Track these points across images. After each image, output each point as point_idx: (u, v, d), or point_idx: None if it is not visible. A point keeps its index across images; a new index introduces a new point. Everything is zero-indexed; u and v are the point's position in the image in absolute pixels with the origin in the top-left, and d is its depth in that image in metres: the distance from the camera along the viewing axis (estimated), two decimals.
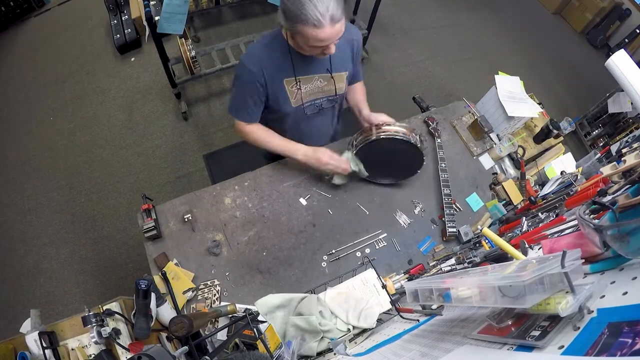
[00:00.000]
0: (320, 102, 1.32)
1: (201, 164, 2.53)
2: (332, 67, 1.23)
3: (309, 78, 1.23)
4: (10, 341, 0.88)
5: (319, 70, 1.23)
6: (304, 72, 1.21)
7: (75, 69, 2.93)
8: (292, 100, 1.25)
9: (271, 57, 1.16)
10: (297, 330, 1.01)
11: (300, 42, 1.06)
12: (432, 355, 0.62)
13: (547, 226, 0.90)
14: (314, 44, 1.03)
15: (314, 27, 0.97)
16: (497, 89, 1.56)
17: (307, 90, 1.25)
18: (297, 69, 1.18)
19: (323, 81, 1.26)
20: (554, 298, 0.48)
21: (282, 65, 1.17)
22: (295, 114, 1.30)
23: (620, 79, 0.97)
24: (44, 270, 2.16)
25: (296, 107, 1.27)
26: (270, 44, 1.17)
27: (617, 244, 0.51)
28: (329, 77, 1.25)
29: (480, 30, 3.70)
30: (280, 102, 1.24)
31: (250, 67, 1.16)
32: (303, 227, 1.34)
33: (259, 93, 1.21)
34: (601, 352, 0.38)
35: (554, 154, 1.61)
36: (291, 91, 1.23)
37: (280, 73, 1.18)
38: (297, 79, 1.20)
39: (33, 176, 2.46)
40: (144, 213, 1.24)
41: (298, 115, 1.31)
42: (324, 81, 1.26)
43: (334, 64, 1.23)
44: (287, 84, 1.21)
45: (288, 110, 1.27)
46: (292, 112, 1.28)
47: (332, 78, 1.25)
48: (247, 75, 1.17)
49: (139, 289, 0.87)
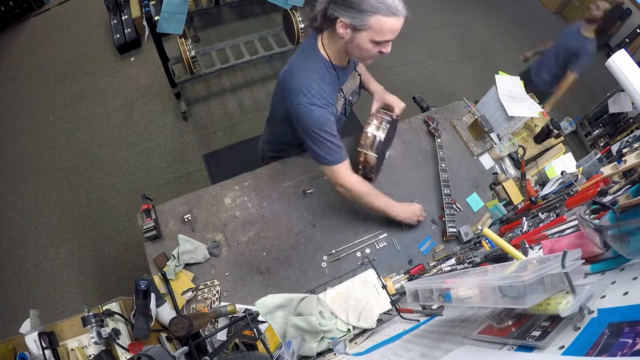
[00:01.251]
0: (351, 99, 1.31)
1: (201, 164, 2.53)
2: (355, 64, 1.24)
3: (346, 84, 1.24)
4: (10, 341, 0.88)
5: (350, 73, 1.24)
6: (344, 82, 1.21)
7: (75, 69, 2.93)
8: (339, 109, 1.24)
9: (328, 85, 1.10)
10: (297, 331, 1.01)
11: (365, 39, 0.98)
12: (432, 356, 0.62)
13: (548, 226, 0.90)
14: (384, 38, 0.98)
15: (392, 15, 0.95)
16: (497, 89, 1.56)
17: (345, 93, 1.26)
18: (341, 81, 1.17)
19: (352, 79, 1.27)
20: (555, 298, 0.48)
21: (335, 86, 1.14)
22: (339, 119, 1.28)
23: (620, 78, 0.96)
24: (43, 270, 2.16)
25: (341, 111, 1.28)
26: (320, 72, 1.09)
27: (618, 244, 0.51)
28: (355, 74, 1.26)
29: (481, 29, 3.70)
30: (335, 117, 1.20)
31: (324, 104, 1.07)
32: (303, 227, 1.34)
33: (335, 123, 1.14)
34: (602, 352, 0.38)
35: (555, 154, 1.61)
36: (339, 100, 1.23)
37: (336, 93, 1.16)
38: (341, 90, 1.20)
39: (32, 176, 2.46)
40: (144, 213, 1.24)
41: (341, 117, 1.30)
42: (351, 79, 1.27)
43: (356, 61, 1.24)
44: (338, 98, 1.21)
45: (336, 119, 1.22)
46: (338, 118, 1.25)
47: (358, 75, 1.27)
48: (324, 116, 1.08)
49: (139, 289, 0.87)
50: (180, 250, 1.18)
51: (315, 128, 1.08)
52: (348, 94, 1.28)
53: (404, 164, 1.52)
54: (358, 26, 0.97)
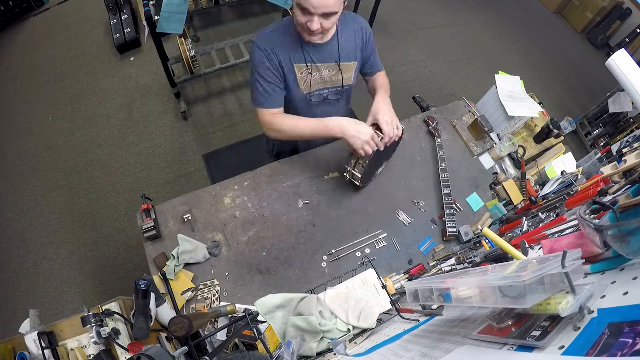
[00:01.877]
0: (327, 94, 1.32)
1: (201, 164, 2.52)
2: (340, 57, 1.23)
3: (319, 67, 1.23)
4: (10, 341, 0.88)
5: (328, 60, 1.23)
6: (314, 60, 1.21)
7: (75, 69, 2.93)
8: (301, 87, 1.25)
9: (283, 40, 1.17)
10: (297, 331, 1.01)
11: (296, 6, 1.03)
12: (433, 356, 0.62)
13: (548, 226, 0.90)
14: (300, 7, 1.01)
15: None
16: (497, 89, 1.56)
17: (316, 79, 1.26)
18: (307, 55, 1.19)
19: (332, 71, 1.26)
20: (555, 298, 0.48)
21: (294, 49, 1.18)
22: (301, 102, 1.30)
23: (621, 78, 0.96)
24: (43, 270, 2.16)
25: (304, 94, 1.28)
26: (282, 29, 1.18)
27: (618, 244, 0.51)
28: (337, 67, 1.25)
29: (481, 29, 3.70)
30: (290, 86, 1.24)
31: (265, 48, 1.15)
32: (303, 227, 1.34)
33: (278, 75, 1.20)
34: (602, 352, 0.38)
35: (555, 153, 1.61)
36: (301, 77, 1.23)
37: (292, 57, 1.19)
38: (308, 66, 1.21)
39: (32, 176, 2.46)
40: (144, 213, 1.24)
41: (304, 103, 1.31)
42: (332, 71, 1.26)
43: (342, 54, 1.24)
44: (298, 70, 1.21)
45: (296, 96, 1.28)
46: (300, 100, 1.29)
47: (339, 69, 1.26)
48: (264, 58, 1.16)
49: (139, 289, 0.87)
50: (180, 250, 1.18)
51: (252, 65, 1.19)
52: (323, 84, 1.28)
53: (404, 164, 1.52)
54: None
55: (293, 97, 1.28)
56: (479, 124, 1.55)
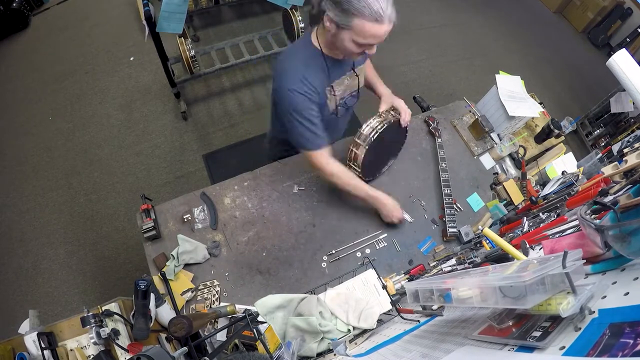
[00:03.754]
0: (346, 100, 1.31)
1: (200, 164, 2.52)
2: (354, 64, 1.23)
3: (340, 81, 1.22)
4: (9, 342, 0.88)
5: (346, 70, 1.22)
6: (337, 76, 1.20)
7: (74, 69, 2.93)
8: (330, 105, 1.24)
9: (315, 73, 1.11)
10: (297, 331, 1.01)
11: (347, 38, 1.00)
12: (433, 356, 0.62)
13: (548, 226, 0.90)
14: (365, 41, 0.98)
15: (374, 21, 0.94)
16: (497, 89, 1.56)
17: (339, 92, 1.25)
18: (332, 75, 1.16)
19: (350, 79, 1.26)
20: (555, 298, 0.48)
21: (322, 76, 1.14)
22: (328, 118, 1.28)
23: (621, 78, 0.96)
24: (42, 270, 2.16)
25: (332, 110, 1.27)
26: (308, 59, 1.11)
27: (619, 245, 0.50)
28: (354, 74, 1.25)
29: (481, 29, 3.69)
30: (323, 111, 1.21)
31: (306, 90, 1.09)
32: (303, 227, 1.34)
33: (318, 114, 1.15)
34: (602, 353, 0.38)
35: (555, 153, 1.61)
36: (330, 97, 1.22)
37: (323, 84, 1.16)
38: (332, 85, 1.19)
39: (32, 176, 2.45)
40: (143, 213, 1.24)
41: (331, 117, 1.30)
42: (350, 79, 1.26)
43: (357, 60, 1.23)
44: (328, 92, 1.20)
45: (326, 116, 1.24)
46: (327, 117, 1.26)
47: (356, 75, 1.25)
48: (307, 101, 1.10)
49: (138, 289, 0.86)
50: (180, 251, 1.18)
51: (292, 112, 1.11)
52: (344, 93, 1.27)
53: (404, 163, 1.52)
54: (341, 24, 0.98)
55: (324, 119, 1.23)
56: (480, 123, 1.55)
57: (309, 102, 1.11)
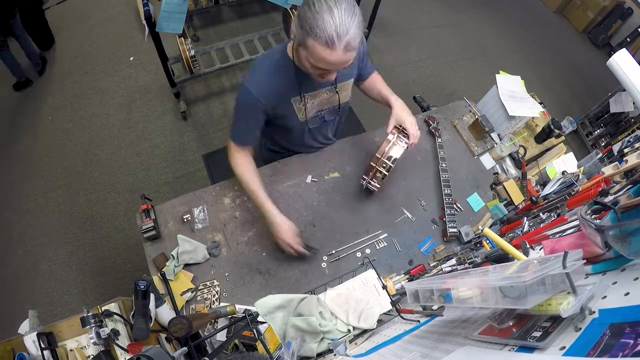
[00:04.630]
0: (324, 114, 1.31)
1: (200, 163, 2.52)
2: (337, 79, 1.17)
3: (315, 94, 1.21)
4: (9, 342, 0.88)
5: (324, 85, 1.19)
6: (310, 89, 1.18)
7: (74, 69, 2.93)
8: (299, 116, 1.24)
9: (277, 82, 1.11)
10: (297, 331, 1.00)
11: (303, 56, 0.97)
12: (433, 356, 0.62)
13: (549, 226, 0.90)
14: (317, 64, 0.94)
15: (325, 45, 0.87)
16: (498, 89, 1.56)
17: (313, 105, 1.24)
18: (304, 87, 1.14)
19: (329, 93, 1.24)
20: (555, 299, 0.48)
21: (289, 86, 1.13)
22: (299, 128, 1.29)
23: (622, 78, 0.96)
24: (42, 270, 2.16)
25: (302, 121, 1.27)
26: (276, 66, 1.11)
27: (619, 245, 0.50)
28: (334, 89, 1.22)
29: (481, 29, 3.69)
30: (287, 119, 1.22)
31: (257, 95, 1.10)
32: (303, 227, 1.34)
33: (258, 119, 1.18)
34: (603, 353, 0.38)
35: (556, 153, 1.61)
36: (299, 108, 1.21)
37: (288, 93, 1.15)
38: (303, 97, 1.17)
39: (31, 176, 2.45)
40: (143, 213, 1.24)
41: (302, 129, 1.30)
42: (329, 93, 1.24)
43: (339, 76, 1.17)
44: (295, 102, 1.19)
45: (294, 126, 1.26)
46: (297, 127, 1.27)
47: (336, 91, 1.23)
48: (249, 102, 1.12)
49: (138, 289, 0.86)
50: (180, 251, 1.18)
51: (237, 102, 1.16)
52: (321, 107, 1.26)
53: (404, 163, 1.51)
54: (298, 39, 0.94)
55: (291, 127, 1.26)
56: (480, 123, 1.54)
57: (253, 105, 1.13)
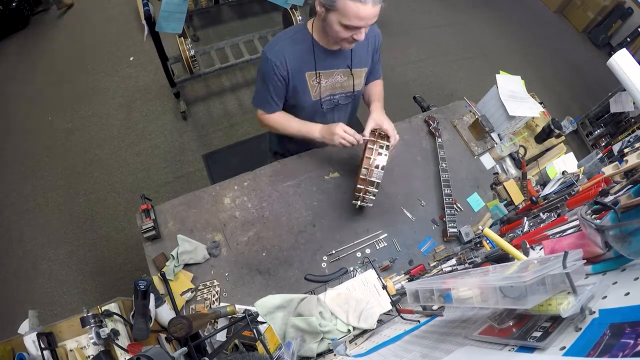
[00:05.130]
0: (337, 98, 1.33)
1: (200, 164, 2.52)
2: (352, 63, 1.23)
3: (330, 73, 1.23)
4: (8, 342, 0.88)
5: (340, 66, 1.23)
6: (326, 67, 1.21)
7: (74, 68, 2.93)
8: (312, 94, 1.26)
9: (294, 49, 1.16)
10: (297, 331, 1.00)
11: (335, 20, 1.02)
12: (433, 357, 0.62)
13: (549, 226, 0.90)
14: (350, 23, 1.00)
15: (357, 1, 0.96)
16: (498, 89, 1.56)
17: (327, 85, 1.26)
18: (319, 63, 1.19)
19: (343, 76, 1.26)
20: (556, 299, 0.48)
21: (305, 59, 1.18)
22: (312, 108, 1.31)
23: (622, 78, 0.96)
24: (42, 270, 2.16)
25: (315, 100, 1.28)
26: (294, 37, 1.18)
27: (619, 245, 0.50)
28: (349, 72, 1.25)
29: (482, 29, 3.69)
30: (300, 94, 1.25)
31: (273, 60, 1.15)
32: (303, 227, 1.34)
33: (281, 86, 1.22)
34: (603, 353, 0.38)
35: (556, 153, 1.61)
36: (312, 85, 1.23)
37: (303, 66, 1.19)
38: (318, 73, 1.21)
39: (31, 176, 2.45)
40: (143, 213, 1.24)
41: (315, 109, 1.32)
42: (344, 76, 1.26)
43: (354, 60, 1.23)
44: (309, 77, 1.22)
45: (306, 103, 1.28)
46: (309, 106, 1.30)
47: (351, 74, 1.26)
48: (270, 68, 1.17)
49: (138, 289, 0.86)
50: (180, 251, 1.18)
51: (259, 71, 1.22)
52: (335, 90, 1.28)
53: (404, 164, 1.51)
54: (327, 5, 1.01)
55: (304, 104, 1.28)
56: (480, 123, 1.54)
57: (272, 71, 1.17)
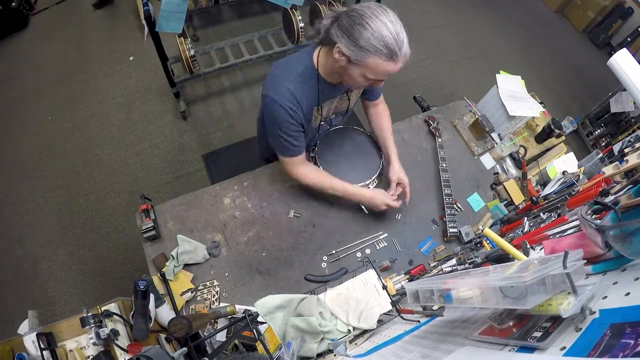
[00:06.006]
0: (332, 119, 1.34)
1: (200, 163, 2.52)
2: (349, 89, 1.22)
3: (330, 102, 1.23)
4: (8, 342, 0.88)
5: (340, 93, 1.22)
6: (327, 98, 1.19)
7: (73, 68, 2.92)
8: (314, 123, 1.25)
9: (305, 89, 1.10)
10: (297, 331, 1.00)
11: (358, 73, 0.99)
12: (433, 357, 0.62)
13: (549, 226, 0.90)
14: (377, 78, 0.99)
15: (389, 60, 0.94)
16: (498, 88, 1.56)
17: (326, 111, 1.25)
18: (322, 96, 1.15)
19: (340, 100, 1.26)
20: (556, 299, 0.48)
21: (312, 97, 1.13)
22: (310, 134, 1.30)
23: (622, 78, 0.96)
24: (42, 271, 2.15)
25: (315, 127, 1.28)
26: (303, 76, 1.09)
27: (620, 245, 0.50)
28: (346, 96, 1.25)
29: (482, 29, 3.69)
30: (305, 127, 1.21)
31: (288, 105, 1.08)
32: (303, 227, 1.34)
33: (298, 127, 1.16)
34: (603, 353, 0.38)
35: (556, 153, 1.60)
36: (315, 116, 1.22)
37: (312, 104, 1.15)
38: (321, 106, 1.18)
39: (31, 176, 2.45)
40: (143, 213, 1.24)
41: (313, 133, 1.32)
42: (340, 100, 1.26)
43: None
44: (315, 111, 1.20)
45: (308, 131, 1.25)
46: (310, 132, 1.28)
47: (348, 98, 1.25)
48: (288, 117, 1.10)
49: (138, 289, 0.86)
50: (180, 251, 1.18)
51: (273, 122, 1.13)
52: (329, 113, 1.28)
53: (404, 164, 1.50)
54: (353, 59, 0.95)
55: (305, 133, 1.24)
56: (480, 123, 1.54)
57: (289, 117, 1.10)
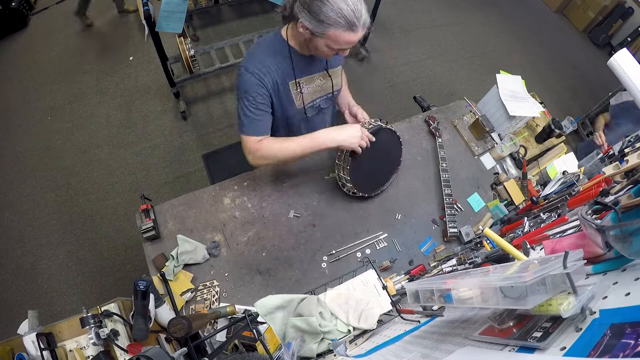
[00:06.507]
0: (319, 103, 1.31)
1: (200, 163, 2.52)
2: (327, 64, 1.23)
3: (310, 78, 1.22)
4: (8, 342, 0.88)
5: (317, 69, 1.22)
6: (305, 73, 1.20)
7: (73, 68, 2.92)
8: (296, 103, 1.24)
9: (276, 60, 1.13)
10: (297, 332, 1.00)
11: (322, 44, 1.03)
12: (433, 357, 0.62)
13: (549, 226, 0.90)
14: (340, 47, 1.03)
15: (349, 30, 0.97)
16: (498, 88, 1.55)
17: (309, 91, 1.24)
18: (298, 70, 1.17)
19: (322, 79, 1.25)
20: (556, 299, 0.48)
21: (285, 68, 1.15)
22: (297, 117, 1.29)
23: (622, 78, 0.96)
24: (41, 271, 2.16)
25: (299, 109, 1.26)
26: (271, 47, 1.14)
27: (620, 245, 0.50)
28: (326, 74, 1.25)
29: (482, 28, 3.69)
30: (284, 105, 1.22)
31: (257, 72, 1.10)
32: (303, 227, 1.34)
33: (268, 99, 1.15)
34: (603, 353, 0.38)
35: (556, 153, 1.60)
36: (295, 93, 1.21)
37: (286, 76, 1.16)
38: (298, 81, 1.19)
39: (30, 176, 2.45)
40: (143, 213, 1.23)
41: (300, 117, 1.29)
42: (322, 79, 1.26)
43: (330, 61, 1.23)
44: (292, 87, 1.19)
45: (291, 112, 1.25)
46: (293, 115, 1.27)
47: (329, 75, 1.25)
48: (251, 83, 1.10)
49: (138, 289, 0.86)
50: (179, 251, 1.18)
51: (239, 90, 1.14)
52: (316, 95, 1.27)
53: (405, 164, 1.51)
54: (315, 32, 1.00)
55: (289, 115, 1.25)
56: (480, 123, 1.54)
57: (258, 84, 1.11)
